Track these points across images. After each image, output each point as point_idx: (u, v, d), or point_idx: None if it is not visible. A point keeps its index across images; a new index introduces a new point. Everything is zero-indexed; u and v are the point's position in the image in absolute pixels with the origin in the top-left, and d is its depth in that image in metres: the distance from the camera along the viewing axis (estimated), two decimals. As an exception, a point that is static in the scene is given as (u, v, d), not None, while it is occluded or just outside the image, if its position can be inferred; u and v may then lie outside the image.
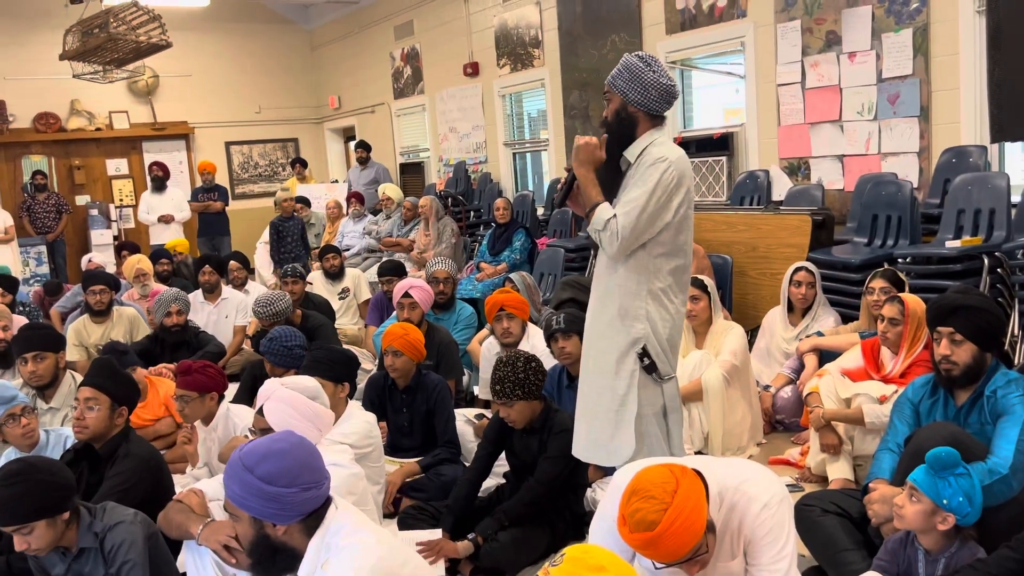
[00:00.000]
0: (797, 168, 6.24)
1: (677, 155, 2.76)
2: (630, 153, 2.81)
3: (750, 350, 4.61)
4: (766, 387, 4.58)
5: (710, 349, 4.27)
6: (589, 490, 3.64)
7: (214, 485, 2.76)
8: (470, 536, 3.20)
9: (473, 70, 9.57)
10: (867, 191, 5.34)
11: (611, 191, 2.82)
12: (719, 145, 6.77)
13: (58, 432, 3.53)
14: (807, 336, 4.54)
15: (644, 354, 2.77)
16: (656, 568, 1.98)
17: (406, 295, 4.81)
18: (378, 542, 2.01)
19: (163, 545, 2.62)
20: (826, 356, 4.29)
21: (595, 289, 2.95)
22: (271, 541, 1.98)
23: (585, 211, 2.81)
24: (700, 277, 4.40)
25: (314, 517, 1.98)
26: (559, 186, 2.95)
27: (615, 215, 2.70)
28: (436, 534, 3.20)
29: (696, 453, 4.03)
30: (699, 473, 2.09)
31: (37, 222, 10.44)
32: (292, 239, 8.73)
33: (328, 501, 2.03)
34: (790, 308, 4.75)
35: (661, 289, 2.80)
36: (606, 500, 2.31)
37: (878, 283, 4.14)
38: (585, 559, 1.58)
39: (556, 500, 3.33)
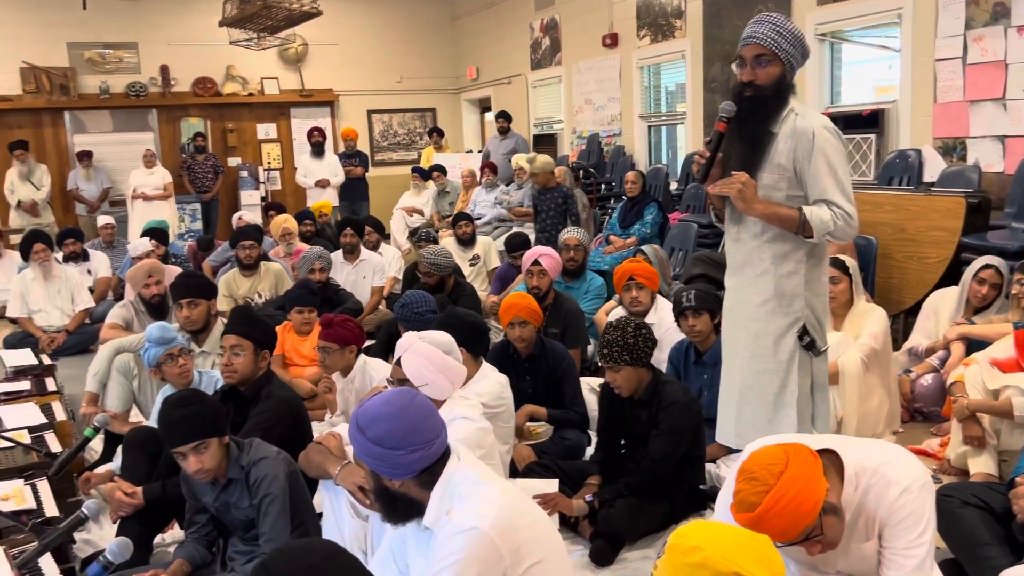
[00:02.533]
0: (952, 148, 5.89)
1: (829, 121, 2.69)
2: (776, 123, 2.69)
3: (908, 331, 4.41)
4: (907, 371, 4.38)
5: (849, 332, 4.12)
6: (712, 465, 3.61)
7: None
8: (588, 498, 3.24)
9: (612, 41, 9.48)
10: (1030, 174, 4.99)
11: (751, 164, 2.70)
12: (868, 122, 6.46)
13: (209, 374, 3.78)
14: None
15: (804, 332, 2.73)
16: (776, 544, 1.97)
17: (536, 263, 4.85)
18: (501, 493, 2.05)
19: (302, 483, 2.78)
20: (974, 346, 4.07)
21: (741, 271, 2.85)
22: (390, 492, 2.04)
23: (793, 230, 2.67)
24: (841, 257, 4.25)
25: (429, 473, 2.03)
26: (695, 168, 2.84)
27: (831, 204, 2.63)
28: (553, 484, 3.24)
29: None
30: (834, 452, 2.04)
31: (196, 181, 11.11)
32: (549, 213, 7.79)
33: (446, 455, 2.08)
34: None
35: (815, 263, 2.76)
36: (731, 476, 2.30)
37: (1016, 275, 3.90)
38: (682, 544, 1.58)
39: (673, 473, 3.32)
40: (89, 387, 4.30)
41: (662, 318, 4.35)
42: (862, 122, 6.51)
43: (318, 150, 10.42)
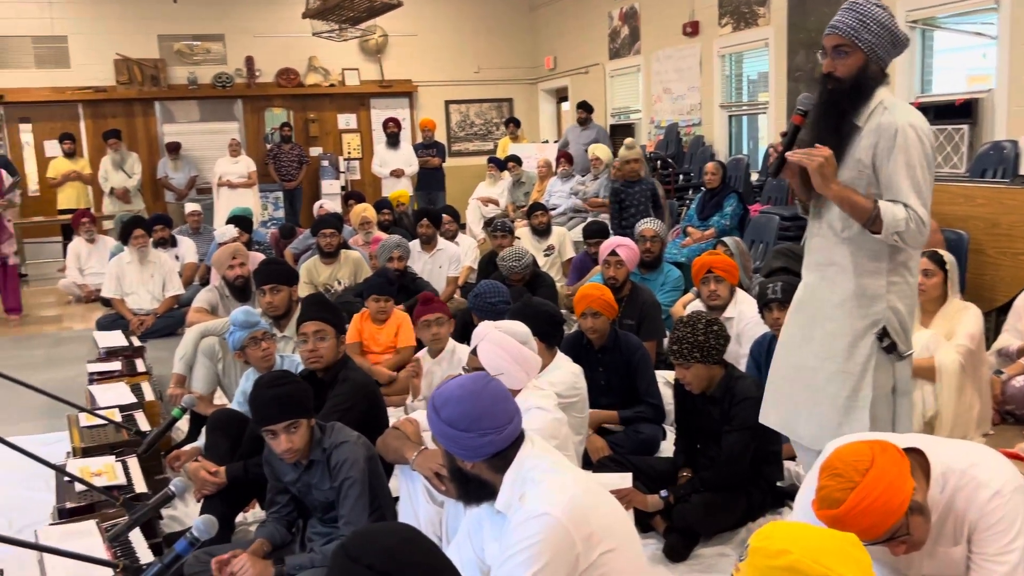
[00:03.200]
0: (1052, 140, 5.62)
1: (921, 117, 2.55)
2: (860, 116, 2.57)
3: (999, 330, 4.24)
4: (998, 372, 4.22)
5: (939, 330, 3.97)
6: (792, 463, 3.54)
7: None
8: (662, 493, 3.21)
9: (692, 30, 9.33)
10: None
11: (836, 161, 2.58)
12: (961, 112, 6.22)
13: (291, 358, 3.86)
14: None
15: (884, 334, 2.59)
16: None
17: (613, 253, 4.82)
18: (574, 480, 2.05)
19: (380, 467, 2.83)
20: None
21: (818, 266, 2.74)
22: (463, 473, 2.07)
23: (862, 222, 2.54)
24: (940, 251, 4.09)
25: (501, 457, 2.04)
26: (769, 161, 2.75)
27: (907, 206, 2.49)
28: (627, 479, 3.22)
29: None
30: (920, 452, 1.98)
31: (282, 170, 11.39)
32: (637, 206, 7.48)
33: (519, 441, 2.08)
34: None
35: (902, 261, 2.62)
36: (811, 473, 2.25)
37: None
38: (767, 546, 1.52)
39: (749, 469, 3.26)
40: (176, 369, 4.45)
41: (742, 312, 4.27)
42: (954, 112, 6.27)
43: (393, 140, 10.56)
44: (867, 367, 2.62)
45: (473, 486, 2.08)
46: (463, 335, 4.31)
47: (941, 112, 6.34)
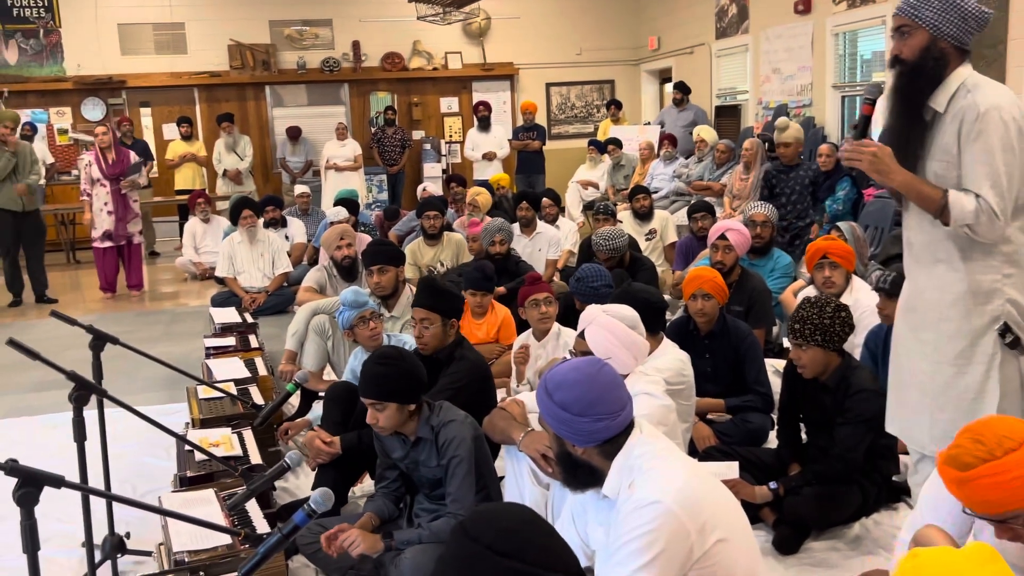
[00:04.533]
0: None
1: (1008, 98, 2.34)
2: (938, 100, 2.41)
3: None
4: None
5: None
6: (908, 457, 3.39)
7: (533, 398, 2.93)
8: (772, 485, 3.12)
9: (805, 7, 9.00)
10: None
11: (916, 151, 2.45)
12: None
13: (398, 337, 3.93)
14: None
15: (1007, 330, 2.44)
16: (963, 511, 1.86)
17: (722, 237, 4.71)
18: (684, 468, 2.01)
19: (486, 447, 2.85)
20: None
21: (925, 265, 2.56)
22: (572, 458, 2.05)
23: (933, 213, 2.42)
24: None
25: (612, 443, 2.02)
26: (844, 142, 2.60)
27: (978, 197, 2.34)
28: (733, 468, 3.15)
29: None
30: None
31: (385, 154, 11.59)
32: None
33: (630, 427, 2.06)
34: None
35: (1014, 251, 2.45)
36: (935, 471, 2.14)
37: None
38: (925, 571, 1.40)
39: (864, 463, 3.15)
40: (288, 345, 4.60)
41: (858, 300, 4.11)
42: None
43: (484, 124, 10.60)
44: (991, 365, 2.48)
45: (582, 471, 2.06)
46: (565, 318, 4.29)
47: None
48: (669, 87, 12.29)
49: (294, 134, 11.40)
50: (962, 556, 1.44)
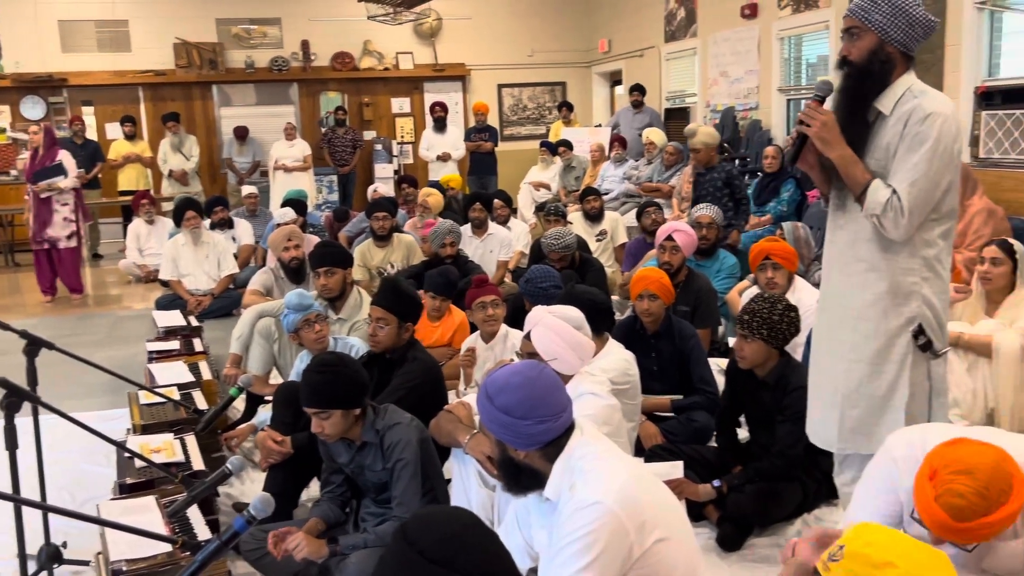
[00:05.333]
0: None
1: (951, 108, 2.42)
2: (884, 102, 2.48)
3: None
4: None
5: (1005, 319, 3.85)
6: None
7: (480, 400, 2.94)
8: (715, 483, 3.17)
9: (751, 11, 9.14)
10: None
11: (858, 149, 2.50)
12: (1032, 96, 6.00)
13: (345, 340, 3.90)
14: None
15: (920, 332, 2.51)
16: (912, 514, 1.91)
17: (669, 238, 4.76)
18: (625, 468, 2.02)
19: (433, 450, 2.84)
20: None
21: (847, 264, 2.61)
22: (514, 462, 2.05)
23: (855, 194, 2.50)
24: (1009, 240, 3.97)
25: (553, 445, 2.03)
26: (787, 144, 2.69)
27: (894, 191, 2.40)
28: (678, 467, 3.18)
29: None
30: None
31: (336, 154, 11.48)
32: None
33: (571, 429, 2.07)
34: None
35: (935, 256, 2.51)
36: (875, 464, 2.19)
37: None
38: (870, 554, 1.42)
39: (805, 460, 3.19)
40: (233, 349, 4.53)
41: (800, 300, 4.17)
42: (1022, 97, 6.05)
43: (440, 124, 10.58)
44: (904, 366, 2.54)
45: (524, 475, 2.06)
46: (514, 320, 4.30)
47: (1009, 96, 6.12)
48: (620, 89, 12.39)
49: (241, 134, 11.24)
50: (919, 548, 1.46)
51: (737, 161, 8.86)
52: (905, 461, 2.06)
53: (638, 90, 10.46)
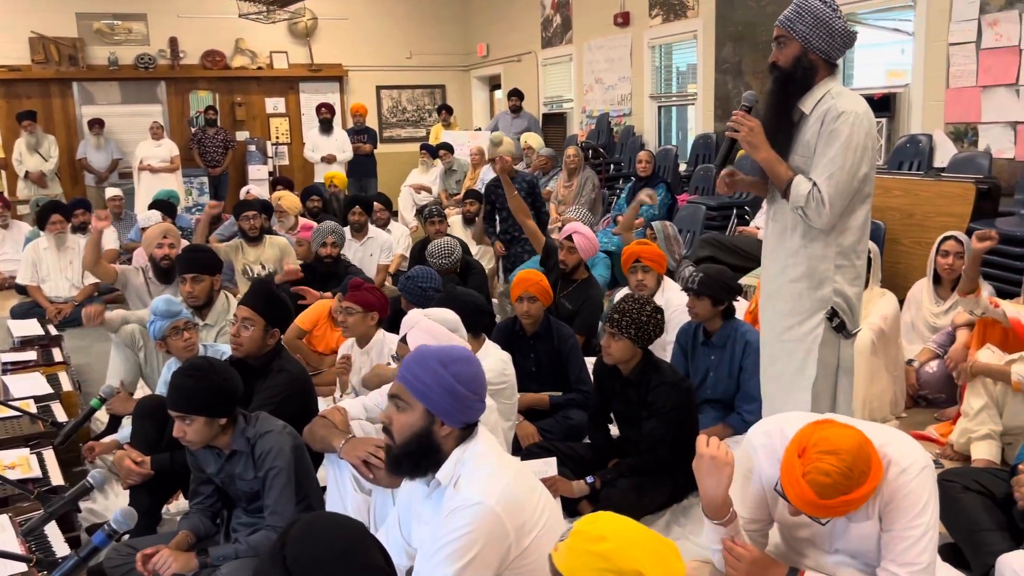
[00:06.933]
0: (964, 134, 5.85)
1: (863, 107, 2.68)
2: (806, 104, 2.73)
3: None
4: (909, 361, 4.38)
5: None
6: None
7: (356, 405, 2.91)
8: (588, 479, 3.25)
9: (624, 20, 9.41)
10: (1042, 161, 4.96)
11: (783, 145, 2.76)
12: (880, 106, 6.41)
13: (215, 347, 3.78)
14: (955, 310, 4.29)
15: (834, 314, 2.77)
16: (776, 487, 2.03)
17: (568, 238, 4.86)
18: (508, 469, 2.06)
19: (307, 457, 2.79)
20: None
21: (774, 249, 2.91)
22: (431, 438, 2.03)
23: (781, 191, 2.75)
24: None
25: (468, 430, 2.06)
26: (718, 155, 2.92)
27: (814, 185, 2.65)
28: (551, 464, 3.24)
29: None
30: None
31: (206, 155, 11.08)
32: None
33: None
34: (937, 280, 4.50)
35: (849, 246, 2.77)
36: (741, 453, 2.30)
37: None
38: (588, 531, 1.56)
39: (672, 453, 3.31)
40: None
41: (669, 299, 4.34)
42: (874, 106, 6.36)
43: (326, 126, 10.39)
44: (813, 346, 2.79)
45: (431, 454, 2.03)
46: (393, 324, 4.28)
47: (861, 106, 6.52)
48: (499, 93, 12.49)
49: (95, 124, 10.67)
50: (641, 529, 1.60)
51: (612, 166, 9.10)
52: (763, 449, 2.18)
53: (516, 95, 10.58)
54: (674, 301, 4.30)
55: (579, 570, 1.53)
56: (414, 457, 2.04)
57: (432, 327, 2.85)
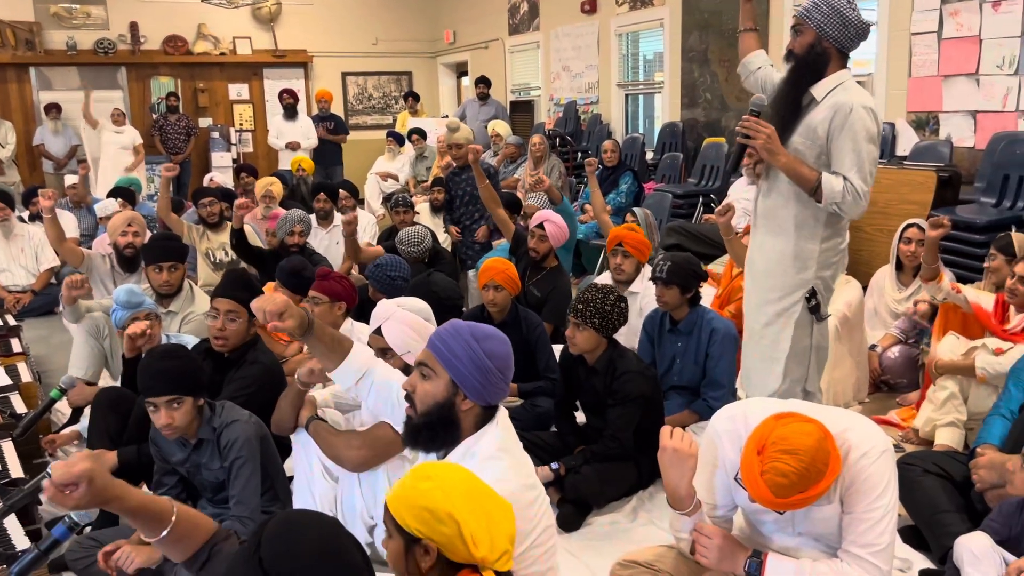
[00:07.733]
0: (925, 122, 5.94)
1: (871, 101, 2.83)
2: (818, 90, 2.85)
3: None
4: (872, 346, 4.45)
5: (820, 302, 4.17)
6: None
7: (324, 394, 2.89)
8: (553, 466, 3.26)
9: (591, 7, 9.40)
10: (1000, 149, 5.05)
11: (788, 124, 2.89)
12: (843, 95, 6.49)
13: (179, 337, 3.71)
14: (916, 297, 4.36)
15: (812, 295, 2.92)
16: (736, 476, 2.06)
17: (540, 226, 4.84)
18: (515, 473, 2.00)
19: (273, 446, 2.77)
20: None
21: (766, 227, 3.03)
22: (453, 410, 1.99)
23: (808, 191, 2.84)
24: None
25: (488, 412, 2.03)
26: (727, 159, 3.00)
27: (846, 179, 2.77)
28: (545, 473, 3.24)
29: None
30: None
31: (168, 142, 10.90)
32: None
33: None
34: (900, 267, 4.57)
35: (832, 234, 2.93)
36: (705, 437, 2.32)
37: (991, 250, 3.94)
38: (421, 471, 1.64)
39: (636, 440, 3.34)
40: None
41: (646, 289, 4.34)
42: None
43: (290, 112, 10.26)
44: (789, 323, 2.96)
45: (449, 427, 2.00)
46: (360, 313, 4.25)
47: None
48: (466, 80, 12.43)
49: (52, 109, 10.44)
50: (477, 485, 1.63)
51: (579, 154, 9.11)
52: (727, 435, 2.20)
53: (483, 82, 10.54)
54: (652, 290, 4.31)
55: (399, 502, 1.58)
56: (433, 428, 2.01)
57: (407, 317, 2.83)
